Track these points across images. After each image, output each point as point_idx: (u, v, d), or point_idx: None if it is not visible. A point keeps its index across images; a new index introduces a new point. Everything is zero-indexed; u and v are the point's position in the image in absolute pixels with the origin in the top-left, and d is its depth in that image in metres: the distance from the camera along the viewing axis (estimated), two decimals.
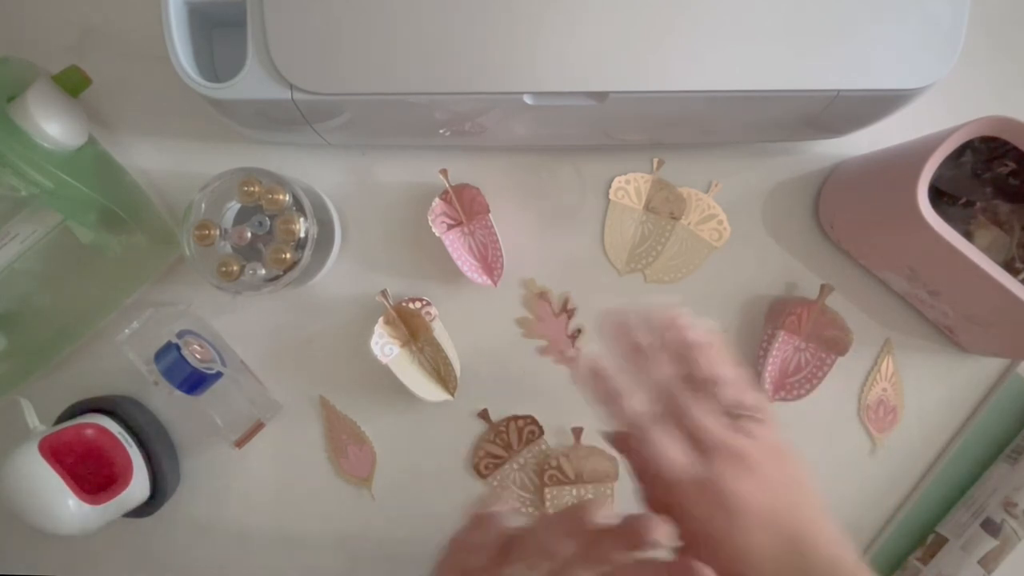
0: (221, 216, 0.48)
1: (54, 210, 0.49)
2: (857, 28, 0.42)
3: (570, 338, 0.55)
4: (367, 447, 0.55)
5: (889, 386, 0.55)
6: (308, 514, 0.56)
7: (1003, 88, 0.54)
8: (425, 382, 0.53)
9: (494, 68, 0.42)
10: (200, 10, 0.46)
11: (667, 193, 0.55)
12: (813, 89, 0.42)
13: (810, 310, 0.52)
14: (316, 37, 0.42)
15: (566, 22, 0.42)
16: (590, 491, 0.55)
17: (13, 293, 0.51)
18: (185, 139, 0.55)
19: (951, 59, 0.42)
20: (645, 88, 0.42)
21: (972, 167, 0.48)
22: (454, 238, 0.53)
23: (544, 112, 0.45)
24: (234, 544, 0.56)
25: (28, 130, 0.45)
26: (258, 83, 0.43)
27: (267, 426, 0.55)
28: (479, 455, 0.55)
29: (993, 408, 0.54)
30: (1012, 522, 0.51)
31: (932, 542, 0.54)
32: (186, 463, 0.55)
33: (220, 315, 0.55)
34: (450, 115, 0.47)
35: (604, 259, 0.55)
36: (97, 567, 0.56)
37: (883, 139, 0.50)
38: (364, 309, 0.54)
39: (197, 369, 0.49)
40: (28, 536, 0.55)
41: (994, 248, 0.48)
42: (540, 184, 0.55)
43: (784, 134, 0.52)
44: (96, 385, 0.55)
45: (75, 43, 0.54)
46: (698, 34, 0.42)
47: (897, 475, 0.55)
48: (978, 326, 0.49)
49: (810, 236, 0.55)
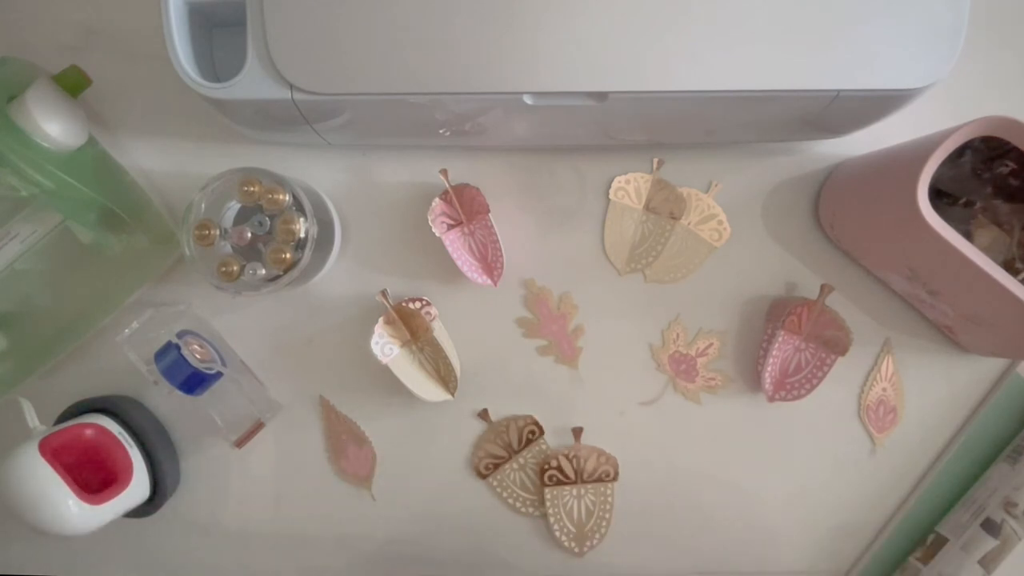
0: (221, 216, 0.48)
1: (54, 210, 0.49)
2: (857, 28, 0.42)
3: (570, 338, 0.55)
4: (367, 447, 0.55)
5: (889, 386, 0.55)
6: (308, 514, 0.56)
7: (1003, 88, 0.54)
8: (425, 382, 0.53)
9: (494, 68, 0.42)
10: (200, 10, 0.46)
11: (667, 193, 0.55)
12: (813, 89, 0.42)
13: (810, 310, 0.52)
14: (316, 37, 0.42)
15: (566, 22, 0.42)
16: (590, 491, 0.55)
17: (13, 293, 0.51)
18: (185, 139, 0.55)
19: (951, 59, 0.42)
20: (645, 88, 0.42)
21: (972, 167, 0.48)
22: (454, 238, 0.53)
23: (544, 112, 0.45)
24: (234, 544, 0.56)
25: (28, 130, 0.45)
26: (258, 83, 0.43)
27: (267, 426, 0.55)
28: (479, 455, 0.55)
29: (993, 408, 0.54)
30: (1012, 522, 0.51)
31: (932, 542, 0.54)
32: (186, 463, 0.55)
33: (220, 315, 0.55)
34: (450, 115, 0.47)
35: (604, 259, 0.55)
36: (97, 567, 0.56)
37: (883, 139, 0.50)
38: (364, 309, 0.54)
39: (197, 369, 0.49)
40: (28, 536, 0.55)
41: (994, 248, 0.48)
42: (540, 184, 0.55)
43: (784, 134, 0.52)
44: (96, 385, 0.55)
45: (75, 43, 0.54)
46: (698, 34, 0.42)
47: (897, 475, 0.55)
48: (978, 326, 0.49)
49: (810, 236, 0.55)
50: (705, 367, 0.55)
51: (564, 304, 0.55)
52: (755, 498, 0.55)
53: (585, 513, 0.55)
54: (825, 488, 0.55)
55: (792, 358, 0.54)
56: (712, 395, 0.55)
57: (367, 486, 0.55)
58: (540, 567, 0.56)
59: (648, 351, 0.55)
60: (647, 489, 0.55)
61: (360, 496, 0.56)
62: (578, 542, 0.55)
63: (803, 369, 0.53)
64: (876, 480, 0.55)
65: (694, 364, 0.55)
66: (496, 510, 0.56)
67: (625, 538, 0.55)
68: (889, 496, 0.56)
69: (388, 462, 0.55)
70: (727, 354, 0.55)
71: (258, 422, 0.54)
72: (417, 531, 0.56)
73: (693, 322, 0.55)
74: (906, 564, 0.54)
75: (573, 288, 0.55)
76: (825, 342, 0.53)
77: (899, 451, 0.55)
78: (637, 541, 0.56)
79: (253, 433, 0.54)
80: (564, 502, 0.55)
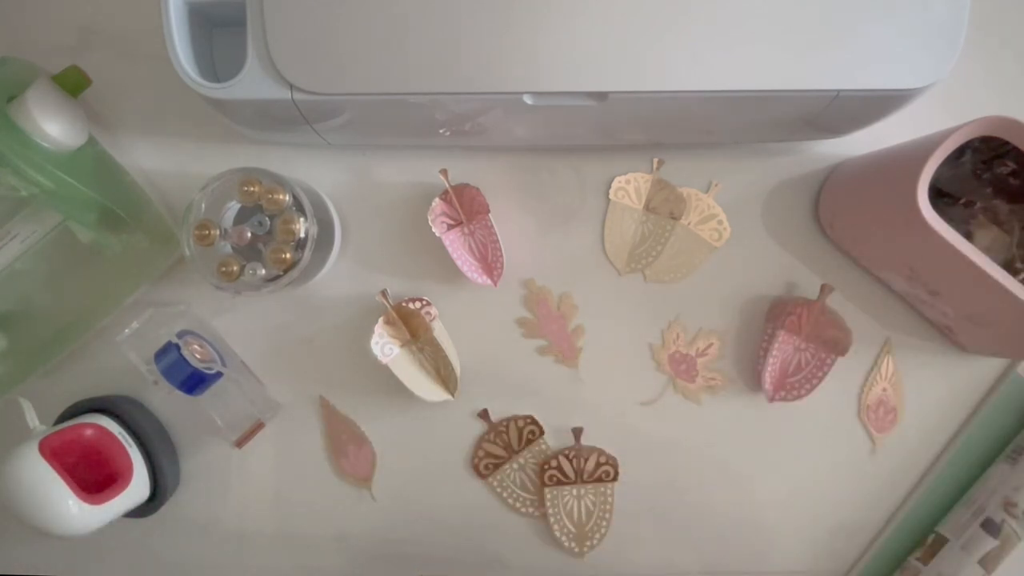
0: (221, 216, 0.48)
1: (54, 210, 0.49)
2: (857, 28, 0.42)
3: (570, 337, 0.55)
4: (367, 447, 0.55)
5: (889, 386, 0.55)
6: (308, 514, 0.56)
7: (1003, 88, 0.54)
8: (425, 382, 0.53)
9: (494, 68, 0.42)
10: (200, 10, 0.46)
11: (667, 193, 0.55)
12: (813, 89, 0.42)
13: (810, 310, 0.52)
14: (316, 37, 0.42)
15: (566, 22, 0.42)
16: (590, 491, 0.55)
17: (13, 293, 0.51)
18: (185, 139, 0.55)
19: (951, 59, 0.42)
20: (645, 88, 0.42)
21: (972, 167, 0.48)
22: (454, 238, 0.53)
23: (544, 112, 0.45)
24: (234, 544, 0.56)
25: (28, 130, 0.45)
26: (258, 83, 0.43)
27: (267, 426, 0.55)
28: (479, 455, 0.55)
29: (993, 408, 0.54)
30: (1012, 522, 0.51)
31: (932, 542, 0.54)
32: (186, 463, 0.55)
33: (220, 315, 0.55)
34: (450, 115, 0.47)
35: (604, 259, 0.55)
36: (97, 567, 0.56)
37: (883, 139, 0.50)
38: (364, 309, 0.54)
39: (197, 369, 0.49)
40: (28, 536, 0.55)
41: (994, 248, 0.48)
42: (540, 184, 0.55)
43: (784, 134, 0.52)
44: (96, 385, 0.55)
45: (75, 43, 0.54)
46: (698, 34, 0.42)
47: (897, 475, 0.55)
48: (978, 326, 0.49)
49: (810, 236, 0.55)
50: (705, 367, 0.55)
51: (564, 304, 0.55)
52: (755, 498, 0.55)
53: (585, 513, 0.55)
54: (825, 488, 0.55)
55: (792, 358, 0.54)
56: (712, 395, 0.55)
57: (367, 486, 0.55)
58: (540, 567, 0.56)
59: (648, 351, 0.55)
60: (647, 489, 0.55)
61: (360, 496, 0.56)
62: (578, 542, 0.55)
63: (803, 369, 0.53)
64: (876, 480, 0.55)
65: (694, 364, 0.55)
66: (496, 510, 0.56)
67: (625, 538, 0.55)
68: (889, 496, 0.56)
69: (388, 462, 0.55)
70: (727, 354, 0.55)
71: (258, 422, 0.54)
72: (417, 531, 0.56)
73: (693, 322, 0.55)
74: (906, 564, 0.54)
75: (573, 288, 0.55)
76: (825, 342, 0.53)
77: (899, 451, 0.55)
78: (637, 541, 0.56)
79: (253, 433, 0.54)
80: (564, 502, 0.55)
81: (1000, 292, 0.42)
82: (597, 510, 0.55)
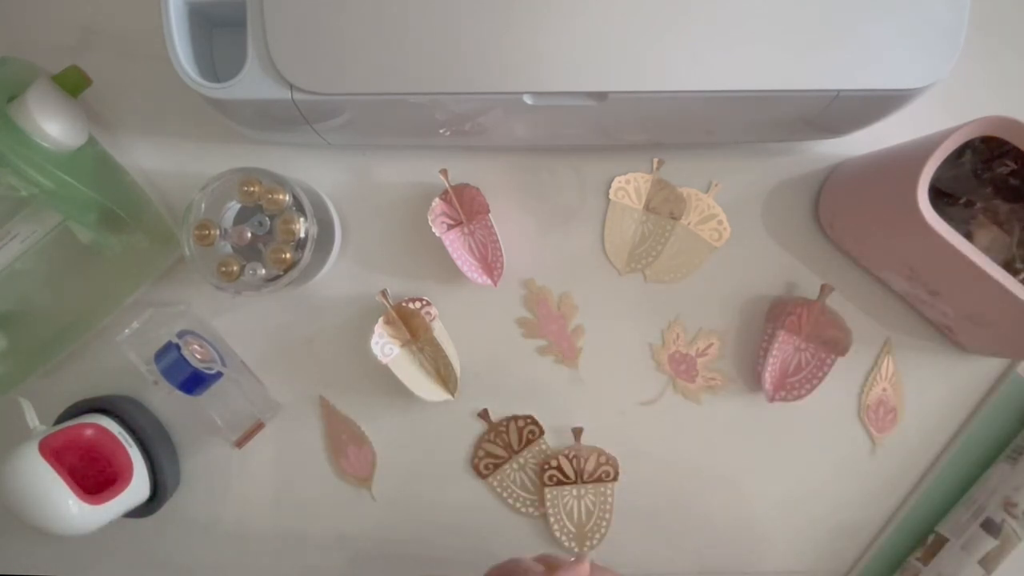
0: (221, 216, 0.48)
1: (54, 210, 0.49)
2: (857, 28, 0.42)
3: (570, 337, 0.55)
4: (367, 447, 0.55)
5: (889, 386, 0.55)
6: (308, 514, 0.56)
7: (1003, 88, 0.54)
8: (425, 382, 0.53)
9: (494, 68, 0.42)
10: (200, 10, 0.46)
11: (667, 193, 0.55)
12: (813, 89, 0.42)
13: (810, 310, 0.52)
14: (316, 37, 0.42)
15: (566, 22, 0.42)
16: (590, 491, 0.55)
17: (13, 293, 0.51)
18: (185, 139, 0.55)
19: (951, 59, 0.42)
20: (645, 88, 0.42)
21: (972, 167, 0.48)
22: (454, 238, 0.53)
23: (544, 112, 0.45)
24: (234, 544, 0.56)
25: (28, 130, 0.45)
26: (258, 83, 0.43)
27: (267, 426, 0.55)
28: (479, 455, 0.55)
29: (993, 408, 0.54)
30: (1012, 522, 0.51)
31: (932, 542, 0.54)
32: (186, 463, 0.55)
33: (220, 315, 0.55)
34: (450, 115, 0.47)
35: (604, 259, 0.55)
36: (97, 567, 0.56)
37: (883, 139, 0.50)
38: (364, 309, 0.54)
39: (197, 369, 0.49)
40: (28, 536, 0.55)
41: (994, 248, 0.48)
42: (540, 184, 0.55)
43: (784, 134, 0.52)
44: (96, 385, 0.55)
45: (75, 43, 0.54)
46: (698, 34, 0.42)
47: (897, 475, 0.55)
48: (978, 326, 0.49)
49: (810, 236, 0.55)
50: (705, 367, 0.55)
51: (564, 304, 0.55)
52: (755, 498, 0.55)
53: (585, 513, 0.55)
54: (825, 488, 0.55)
55: (792, 358, 0.54)
56: (712, 395, 0.55)
57: (367, 486, 0.55)
58: None
59: (648, 351, 0.55)
60: (647, 489, 0.55)
61: (360, 496, 0.56)
62: (578, 542, 0.55)
63: (803, 369, 0.53)
64: (876, 480, 0.55)
65: (694, 364, 0.55)
66: (496, 510, 0.56)
67: (625, 538, 0.55)
68: (889, 496, 0.56)
69: (388, 462, 0.55)
70: (727, 354, 0.55)
71: (258, 422, 0.54)
72: (417, 531, 0.56)
73: (693, 322, 0.55)
74: (906, 564, 0.54)
75: (573, 288, 0.55)
76: (825, 342, 0.53)
77: (899, 451, 0.55)
78: (637, 541, 0.56)
79: (253, 433, 0.54)
80: (564, 502, 0.55)
81: (1000, 292, 0.42)
82: (597, 510, 0.55)
